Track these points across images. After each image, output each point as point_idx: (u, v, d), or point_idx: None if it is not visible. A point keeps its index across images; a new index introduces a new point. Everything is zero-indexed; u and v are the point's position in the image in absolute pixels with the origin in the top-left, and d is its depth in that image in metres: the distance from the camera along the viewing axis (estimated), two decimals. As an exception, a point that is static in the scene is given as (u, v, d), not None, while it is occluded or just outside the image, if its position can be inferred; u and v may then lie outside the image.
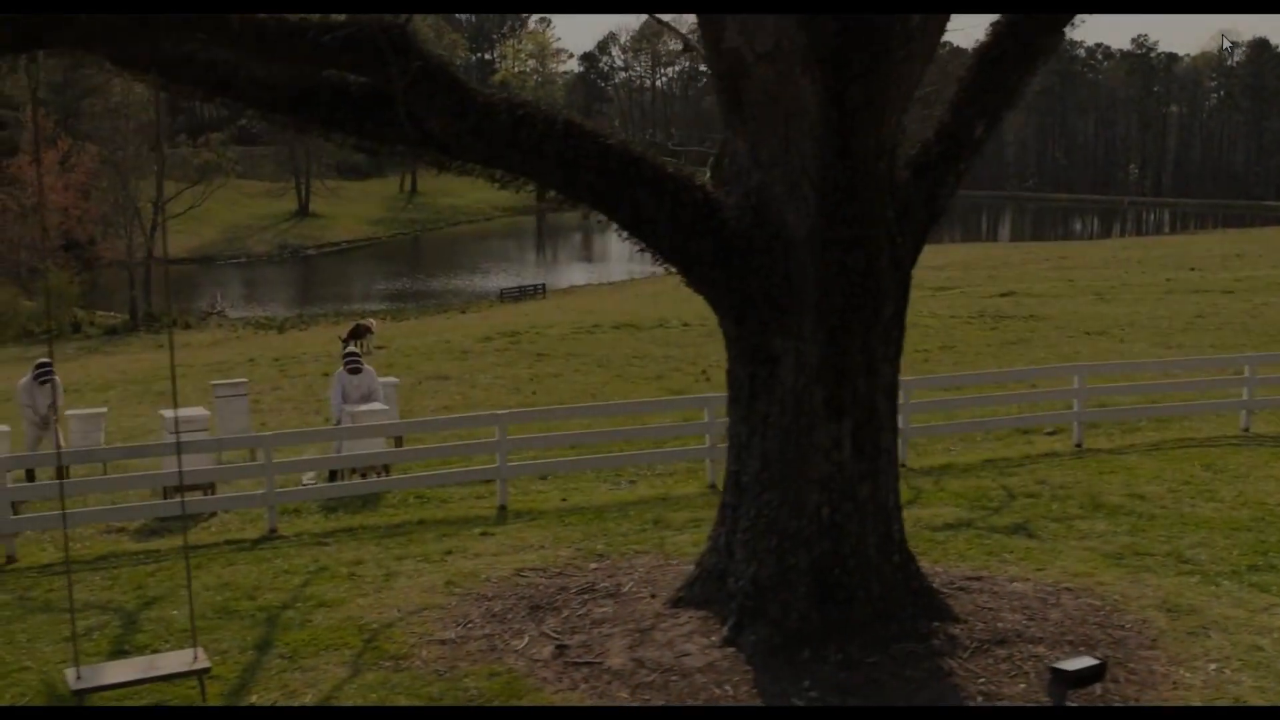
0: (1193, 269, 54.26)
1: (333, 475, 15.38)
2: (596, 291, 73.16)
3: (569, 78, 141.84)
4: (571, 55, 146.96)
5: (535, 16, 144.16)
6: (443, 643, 9.21)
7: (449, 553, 12.22)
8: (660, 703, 7.82)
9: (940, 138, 8.92)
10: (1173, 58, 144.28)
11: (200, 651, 7.65)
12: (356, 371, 16.22)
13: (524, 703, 8.01)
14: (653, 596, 9.71)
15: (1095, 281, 48.52)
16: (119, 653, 9.39)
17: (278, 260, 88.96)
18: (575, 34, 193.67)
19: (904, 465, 15.50)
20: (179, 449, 8.09)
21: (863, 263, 8.41)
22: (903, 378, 20.65)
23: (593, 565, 11.46)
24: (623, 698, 7.95)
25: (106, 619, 10.33)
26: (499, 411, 14.97)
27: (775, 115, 8.29)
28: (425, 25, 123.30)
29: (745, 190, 8.64)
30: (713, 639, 8.57)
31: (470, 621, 9.64)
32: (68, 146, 64.96)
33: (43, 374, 15.68)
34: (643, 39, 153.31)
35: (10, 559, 12.50)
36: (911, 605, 8.81)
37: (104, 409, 18.01)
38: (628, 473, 16.09)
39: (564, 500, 14.66)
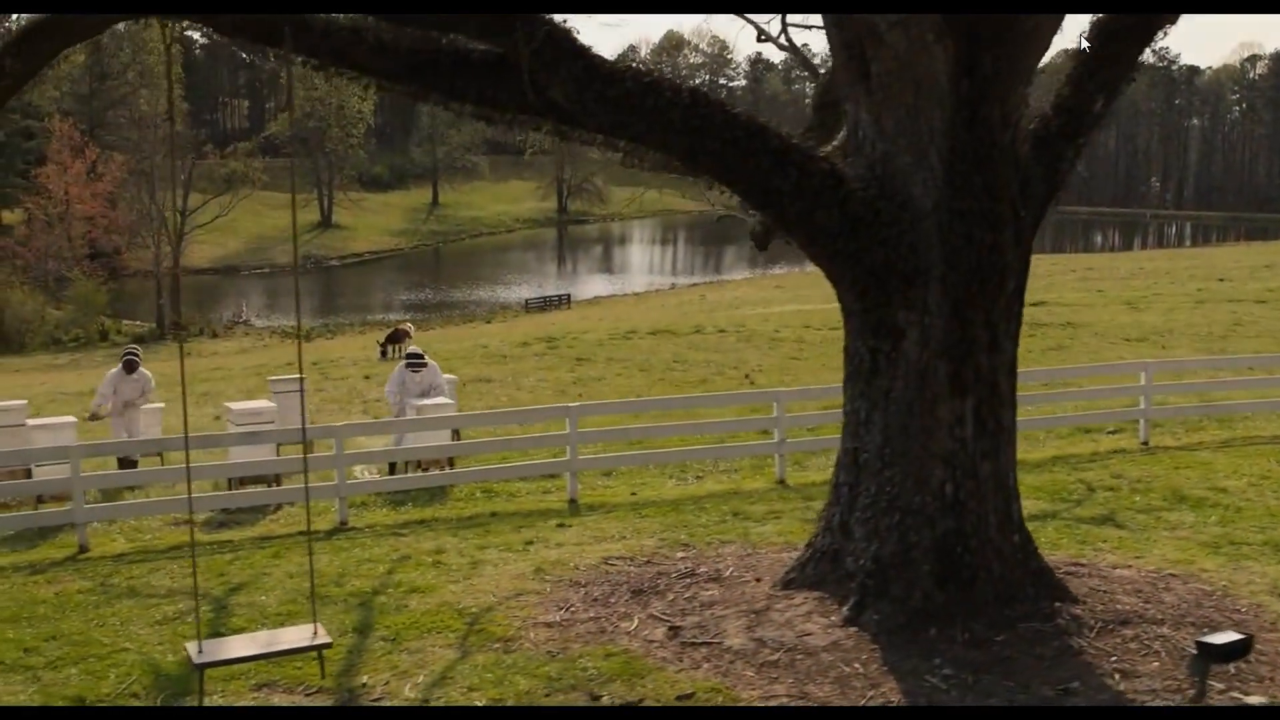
0: (1221, 280, 53.77)
1: (391, 469, 15.27)
2: (621, 302, 73.02)
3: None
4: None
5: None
6: (549, 625, 9.04)
7: (530, 543, 12.07)
8: (789, 681, 7.64)
9: (1059, 111, 8.77)
10: (1194, 70, 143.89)
11: (319, 627, 7.49)
12: (418, 370, 16.11)
13: (646, 682, 7.83)
14: (757, 580, 9.54)
15: (1125, 292, 48.04)
16: (217, 634, 9.23)
17: (302, 271, 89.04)
18: (595, 47, 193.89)
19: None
20: (304, 435, 7.91)
21: (989, 235, 8.26)
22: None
23: (679, 554, 11.29)
24: (748, 676, 7.77)
25: (200, 603, 10.17)
26: (570, 404, 14.80)
27: (904, 84, 8.16)
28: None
29: (869, 161, 8.50)
30: (833, 619, 8.39)
31: (572, 606, 9.47)
32: (95, 156, 65.31)
33: (130, 359, 15.65)
34: (663, 52, 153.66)
35: (82, 549, 12.38)
36: (1031, 585, 8.62)
37: (162, 404, 17.95)
38: (693, 468, 15.95)
39: (633, 494, 14.49)
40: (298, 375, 19.60)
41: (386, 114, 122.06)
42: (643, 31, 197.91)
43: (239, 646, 7.18)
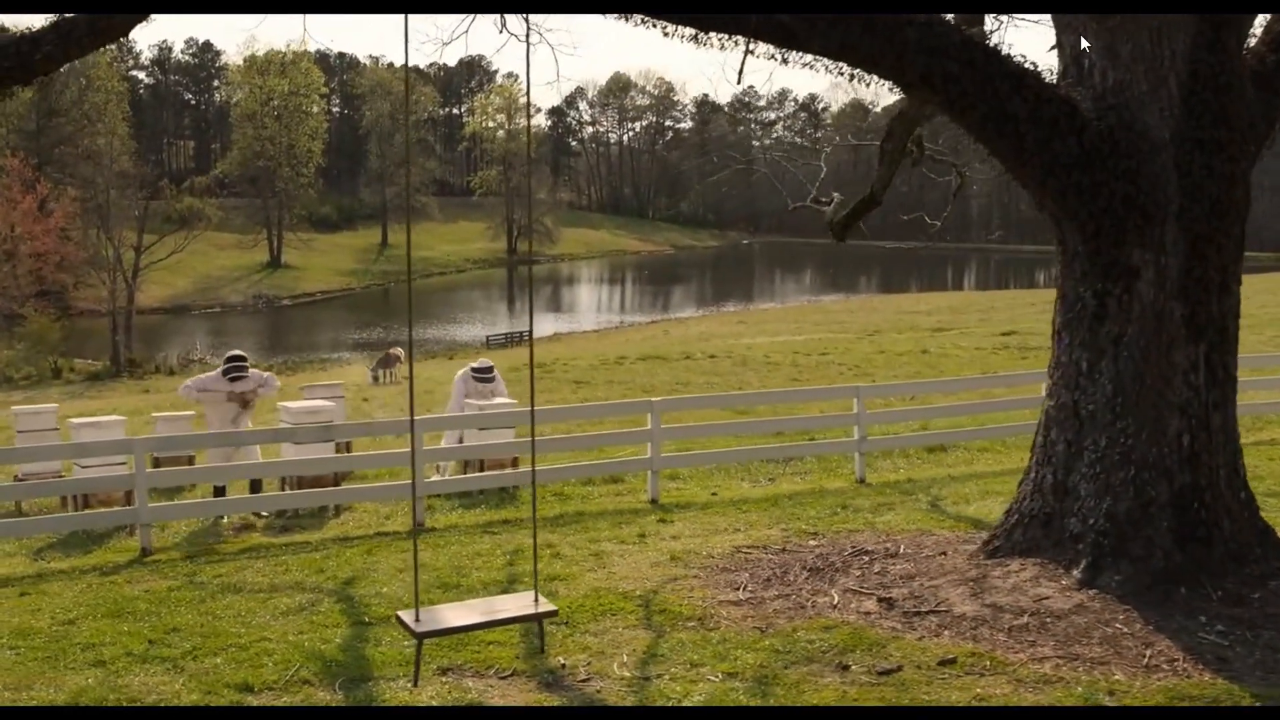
0: None
1: (439, 471, 14.44)
2: (582, 338, 72.22)
3: (538, 132, 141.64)
4: (539, 110, 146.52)
5: (504, 71, 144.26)
6: (735, 604, 8.22)
7: (642, 535, 11.24)
8: (1051, 644, 6.90)
9: (1274, 47, 8.23)
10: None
11: (541, 596, 6.61)
12: (487, 382, 15.28)
13: (889, 650, 7.04)
14: (943, 554, 8.81)
15: None
16: (361, 623, 8.31)
17: (253, 310, 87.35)
18: (543, 88, 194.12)
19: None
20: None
21: (1227, 167, 7.70)
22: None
23: (812, 543, 10.53)
24: (1001, 640, 7.02)
25: (315, 597, 9.22)
26: (652, 399, 14.00)
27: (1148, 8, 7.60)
28: (395, 78, 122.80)
29: (1097, 92, 7.92)
30: (1063, 582, 7.67)
31: (745, 586, 8.66)
32: (47, 191, 63.55)
33: (236, 370, 13.59)
34: (609, 94, 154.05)
35: (145, 551, 11.34)
36: (1259, 545, 7.99)
37: (191, 413, 16.92)
38: (764, 470, 15.26)
39: (714, 495, 13.70)
40: (334, 383, 18.82)
41: (334, 155, 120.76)
42: (589, 73, 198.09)
43: (457, 615, 6.28)
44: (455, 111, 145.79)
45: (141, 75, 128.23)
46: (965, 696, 6.30)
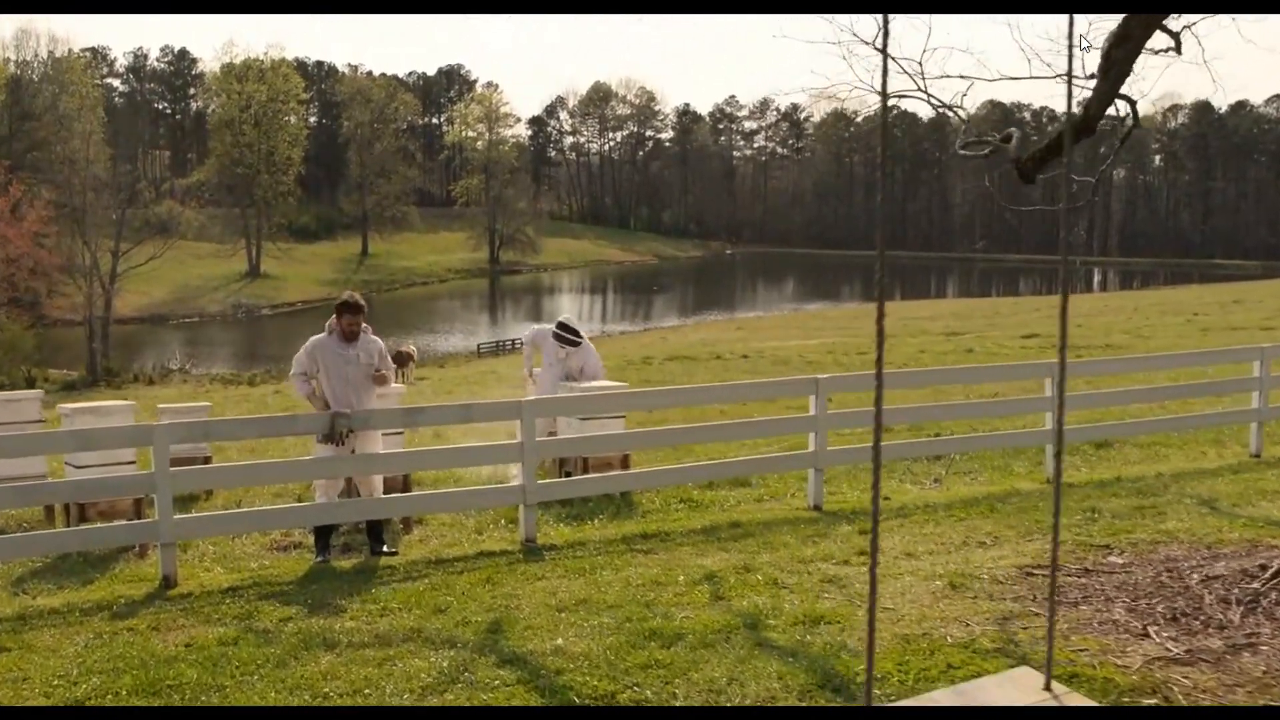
0: (1195, 314, 51.08)
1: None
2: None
3: (518, 141, 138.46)
4: (519, 120, 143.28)
5: (484, 80, 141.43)
6: (1176, 662, 5.21)
7: (862, 553, 8.22)
8: None
9: None
10: (1116, 120, 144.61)
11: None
12: (567, 345, 12.48)
13: None
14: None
15: (1112, 324, 44.55)
16: (577, 694, 5.22)
17: (233, 320, 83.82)
18: (523, 98, 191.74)
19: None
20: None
21: None
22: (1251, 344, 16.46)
23: (1116, 559, 7.64)
24: None
25: (459, 657, 6.11)
26: (818, 376, 10.91)
27: None
28: (377, 85, 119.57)
29: None
30: None
31: (1150, 631, 5.66)
32: (20, 194, 60.14)
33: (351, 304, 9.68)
34: (590, 103, 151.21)
35: (168, 581, 8.19)
36: None
37: (207, 404, 13.85)
38: (925, 470, 12.34)
39: (886, 499, 10.64)
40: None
41: (313, 164, 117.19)
42: (570, 83, 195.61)
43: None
44: (435, 120, 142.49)
45: (116, 83, 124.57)
46: None
